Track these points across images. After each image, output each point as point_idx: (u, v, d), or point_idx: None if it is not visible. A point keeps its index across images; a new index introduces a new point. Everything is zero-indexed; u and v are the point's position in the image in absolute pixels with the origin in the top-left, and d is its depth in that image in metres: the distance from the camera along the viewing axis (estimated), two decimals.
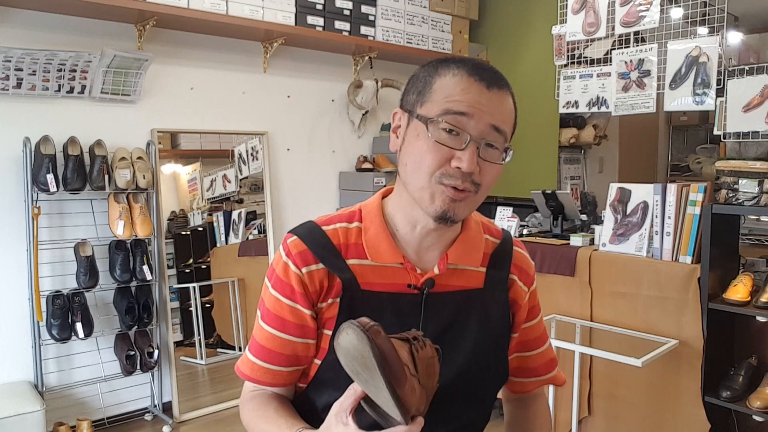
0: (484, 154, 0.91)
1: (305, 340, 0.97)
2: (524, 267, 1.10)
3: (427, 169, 0.91)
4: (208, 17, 3.04)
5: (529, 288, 1.10)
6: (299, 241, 0.98)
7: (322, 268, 0.96)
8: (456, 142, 0.90)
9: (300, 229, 1.00)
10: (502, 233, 1.11)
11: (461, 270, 1.01)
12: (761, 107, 2.50)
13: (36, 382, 2.78)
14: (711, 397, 2.35)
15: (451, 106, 0.90)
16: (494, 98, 0.91)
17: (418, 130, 0.92)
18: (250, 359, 1.00)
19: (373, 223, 1.00)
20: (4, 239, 2.76)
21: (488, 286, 1.03)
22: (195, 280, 3.42)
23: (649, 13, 2.84)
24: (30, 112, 2.80)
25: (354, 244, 0.99)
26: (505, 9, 4.19)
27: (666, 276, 2.45)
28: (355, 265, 0.97)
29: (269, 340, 0.98)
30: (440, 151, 0.90)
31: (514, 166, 4.30)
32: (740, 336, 2.49)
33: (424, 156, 0.91)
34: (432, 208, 0.92)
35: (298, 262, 0.96)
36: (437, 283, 0.98)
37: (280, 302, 0.97)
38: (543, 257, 2.80)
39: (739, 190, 2.46)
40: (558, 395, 2.76)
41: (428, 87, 0.93)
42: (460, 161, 0.89)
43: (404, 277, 0.98)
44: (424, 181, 0.91)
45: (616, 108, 3.05)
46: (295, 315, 0.97)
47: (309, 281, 0.96)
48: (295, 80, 3.70)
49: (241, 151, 3.54)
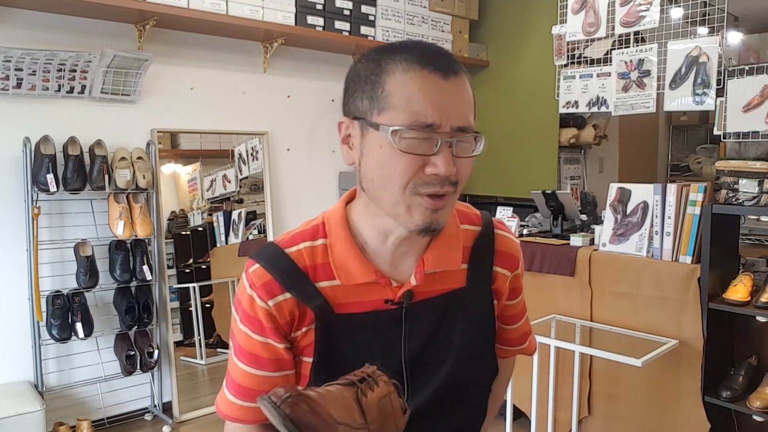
0: (457, 151, 0.84)
1: (283, 372, 0.91)
2: (509, 252, 1.03)
3: (398, 181, 0.82)
4: (208, 17, 3.04)
5: (512, 272, 1.04)
6: (262, 270, 0.89)
7: (290, 298, 0.88)
8: (427, 147, 0.82)
9: (262, 256, 0.91)
10: (481, 218, 1.03)
11: (441, 273, 0.95)
12: (761, 107, 2.50)
13: (36, 382, 2.78)
14: (711, 397, 2.35)
15: (415, 116, 0.80)
16: (454, 91, 0.83)
17: (380, 141, 0.83)
18: (230, 399, 0.93)
19: (339, 239, 0.91)
20: (4, 239, 2.76)
21: (471, 283, 0.97)
22: (195, 280, 3.42)
23: (649, 13, 2.84)
24: (30, 112, 2.80)
25: (322, 265, 0.91)
26: (505, 9, 4.19)
27: (666, 276, 2.45)
28: (327, 288, 0.90)
29: (246, 379, 0.91)
30: (410, 160, 0.81)
31: (514, 166, 4.34)
32: (740, 336, 2.49)
33: (394, 168, 0.82)
34: (412, 222, 0.84)
35: (263, 295, 0.88)
36: (416, 292, 0.92)
37: (251, 338, 0.90)
38: (543, 257, 2.80)
39: (739, 190, 2.46)
40: (558, 395, 2.76)
41: (379, 89, 0.83)
42: (435, 167, 0.82)
43: (380, 292, 0.91)
44: (397, 195, 0.83)
45: (616, 108, 3.05)
46: (268, 350, 0.90)
47: (278, 314, 0.89)
48: (295, 80, 3.70)
49: (241, 151, 3.54)
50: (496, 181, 4.23)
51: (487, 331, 1.01)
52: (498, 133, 4.20)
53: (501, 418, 2.72)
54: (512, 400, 2.63)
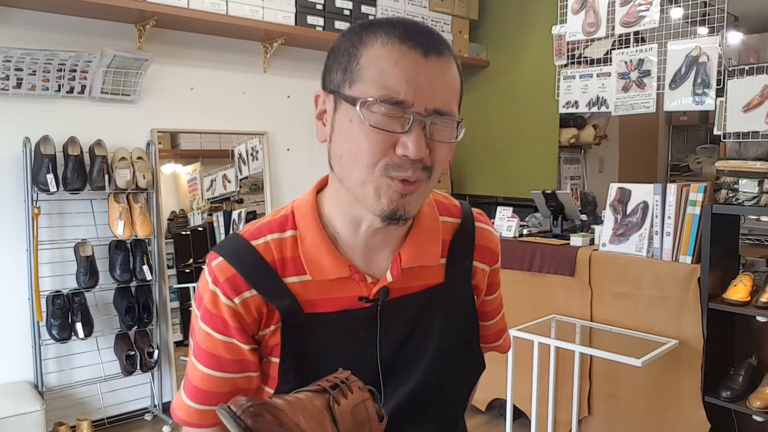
0: (432, 133, 0.76)
1: (246, 374, 0.84)
2: (489, 246, 0.97)
3: (366, 160, 0.75)
4: (208, 17, 3.04)
5: (491, 266, 0.98)
6: (226, 264, 0.82)
7: (257, 295, 0.82)
8: (398, 125, 0.75)
9: (225, 248, 0.84)
10: (461, 209, 0.97)
11: (418, 268, 0.88)
12: (761, 107, 2.50)
13: (36, 382, 2.78)
14: (711, 397, 2.35)
15: (386, 90, 0.74)
16: (434, 71, 0.76)
17: (350, 115, 0.76)
18: (186, 403, 0.86)
19: (309, 230, 0.85)
20: (4, 239, 2.76)
21: (449, 279, 0.91)
22: (195, 280, 3.41)
23: (649, 13, 2.84)
24: (30, 112, 2.80)
25: (291, 258, 0.84)
26: (505, 9, 4.19)
27: (666, 276, 2.45)
28: (296, 284, 0.83)
29: (204, 381, 0.84)
30: (380, 137, 0.75)
31: (514, 166, 4.33)
32: (740, 336, 2.49)
33: (361, 145, 0.75)
34: (378, 206, 0.77)
35: (228, 291, 0.81)
36: (392, 288, 0.86)
37: (213, 338, 0.83)
38: (543, 257, 2.80)
39: (739, 190, 2.46)
40: (558, 395, 2.76)
41: (354, 61, 0.77)
42: (405, 147, 0.75)
43: (353, 288, 0.85)
44: (365, 175, 0.77)
45: (616, 108, 3.05)
46: (231, 351, 0.83)
47: (245, 311, 0.82)
48: (295, 80, 3.70)
49: (241, 151, 3.54)
50: (496, 181, 4.23)
51: (469, 328, 0.95)
52: (498, 133, 4.21)
53: (501, 418, 2.72)
54: (512, 400, 2.63)
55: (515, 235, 3.03)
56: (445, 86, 0.77)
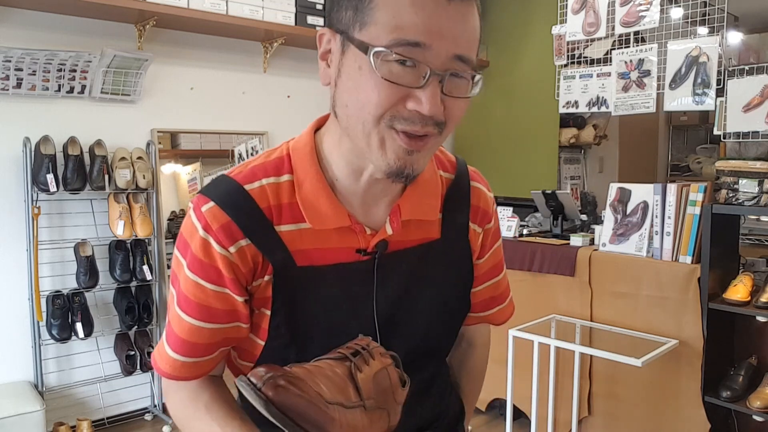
0: (449, 88, 0.70)
1: (237, 323, 0.80)
2: (481, 206, 0.93)
3: (373, 111, 0.70)
4: (208, 17, 3.04)
5: (484, 227, 0.94)
6: (218, 209, 0.76)
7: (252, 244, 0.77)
8: (412, 78, 0.68)
9: (217, 192, 0.78)
10: (456, 164, 0.92)
11: (415, 222, 0.84)
12: (761, 107, 2.50)
13: (36, 382, 2.78)
14: (711, 397, 2.35)
15: (401, 33, 0.67)
16: (456, 15, 0.69)
17: (359, 61, 0.69)
18: (170, 355, 0.81)
19: (308, 175, 0.79)
20: (4, 239, 2.76)
21: (445, 234, 0.88)
22: None
23: (649, 13, 2.84)
24: (30, 112, 2.80)
25: (288, 204, 0.79)
26: (505, 9, 4.19)
27: (666, 276, 2.45)
28: (292, 232, 0.78)
29: (193, 333, 0.79)
30: (391, 89, 0.68)
31: (514, 166, 4.33)
32: (740, 336, 2.49)
33: (370, 96, 0.69)
34: (384, 161, 0.72)
35: (222, 239, 0.75)
36: (390, 241, 0.82)
37: (203, 288, 0.77)
38: (543, 257, 2.80)
39: (739, 190, 2.46)
40: (558, 395, 2.76)
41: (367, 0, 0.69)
42: (418, 103, 0.69)
43: (351, 239, 0.80)
44: (369, 126, 0.71)
45: (616, 108, 3.05)
46: (223, 301, 0.78)
47: (240, 261, 0.76)
48: (295, 80, 3.70)
49: (241, 151, 3.54)
50: (496, 181, 4.22)
51: (464, 284, 0.92)
52: (498, 133, 4.21)
53: (501, 418, 2.72)
54: (512, 400, 2.63)
55: (515, 235, 3.03)
56: (468, 32, 0.71)
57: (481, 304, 0.99)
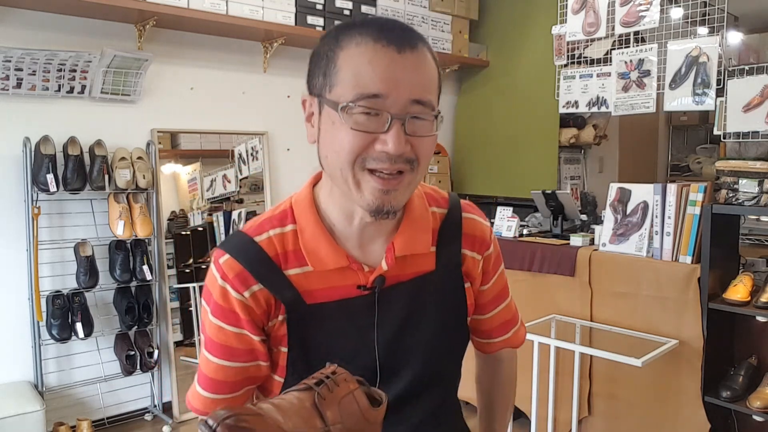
0: (412, 129, 0.80)
1: (257, 362, 0.90)
2: (476, 234, 1.00)
3: (346, 157, 0.80)
4: (208, 17, 3.04)
5: (482, 255, 1.01)
6: (233, 260, 0.87)
7: (264, 288, 0.87)
8: (377, 125, 0.79)
9: (230, 245, 0.89)
10: (448, 200, 1.01)
11: (411, 256, 0.93)
12: (761, 107, 2.50)
13: (36, 382, 2.78)
14: (711, 397, 2.35)
15: (362, 89, 0.78)
16: (408, 64, 0.79)
17: (332, 117, 0.81)
18: (201, 394, 0.92)
19: (308, 223, 0.90)
20: (4, 239, 2.76)
21: (440, 266, 0.96)
22: (195, 280, 3.41)
23: (649, 13, 2.84)
24: (30, 112, 2.80)
25: (293, 251, 0.89)
26: (505, 9, 4.19)
27: (666, 276, 2.45)
28: (298, 275, 0.88)
29: (218, 372, 0.89)
30: (360, 136, 0.79)
31: (514, 166, 4.33)
32: (740, 336, 2.49)
33: (343, 144, 0.80)
34: (363, 201, 0.82)
35: (237, 286, 0.86)
36: (387, 276, 0.91)
37: (224, 330, 0.88)
38: (543, 257, 2.80)
39: (739, 190, 2.46)
40: (558, 395, 2.76)
41: (332, 65, 0.81)
42: (384, 144, 0.78)
43: (352, 277, 0.90)
44: (346, 171, 0.81)
45: (616, 108, 3.05)
46: (242, 341, 0.88)
47: (254, 304, 0.87)
48: (295, 80, 3.70)
49: (241, 151, 3.54)
50: (496, 181, 4.23)
51: (459, 310, 0.99)
52: (498, 133, 4.21)
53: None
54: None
55: (515, 235, 3.03)
56: (420, 77, 0.80)
57: (498, 329, 1.09)
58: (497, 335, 1.09)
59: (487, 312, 1.06)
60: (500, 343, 1.10)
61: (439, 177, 4.27)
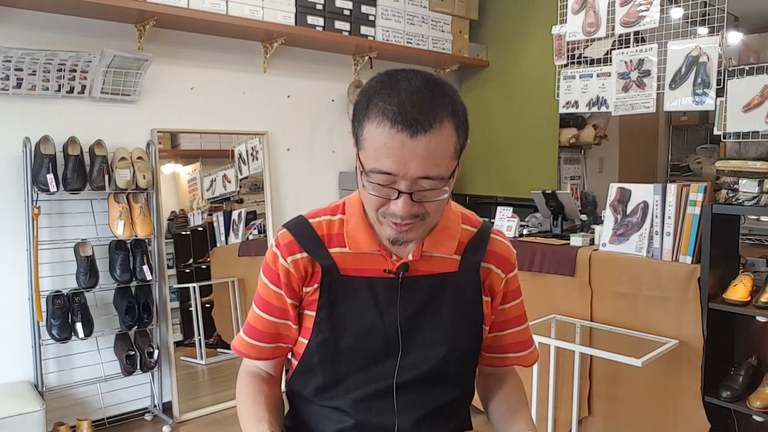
0: (419, 197, 0.95)
1: (286, 321, 1.10)
2: (503, 254, 1.15)
3: (370, 204, 0.99)
4: (208, 17, 3.04)
5: (507, 275, 1.16)
6: (287, 233, 1.09)
7: (306, 257, 1.07)
8: (388, 193, 0.95)
9: (290, 223, 1.11)
10: (481, 223, 1.17)
11: (436, 257, 1.09)
12: (761, 107, 2.50)
13: (36, 382, 2.78)
14: (711, 397, 2.35)
15: (377, 164, 0.93)
16: (419, 148, 0.90)
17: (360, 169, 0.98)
18: (242, 337, 1.14)
19: (354, 215, 1.08)
20: (4, 239, 2.76)
21: (462, 268, 1.10)
22: (195, 280, 3.42)
23: (649, 13, 2.84)
24: (30, 112, 2.80)
25: (336, 235, 1.08)
26: (505, 9, 4.19)
27: (666, 276, 2.45)
28: (337, 253, 1.07)
29: (257, 321, 1.12)
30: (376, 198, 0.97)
31: (514, 166, 4.33)
32: (740, 336, 2.49)
33: (366, 196, 0.99)
34: (383, 233, 1.03)
35: (284, 253, 1.07)
36: (413, 269, 1.07)
37: (268, 287, 1.10)
38: (543, 257, 2.80)
39: (739, 190, 2.46)
40: (558, 395, 2.76)
41: (361, 128, 0.96)
42: (395, 208, 0.95)
43: (381, 263, 1.07)
44: (371, 212, 1.01)
45: (616, 108, 3.05)
46: (278, 299, 1.09)
47: (294, 269, 1.07)
48: (295, 80, 3.70)
49: (241, 151, 3.54)
50: (496, 181, 4.23)
51: (474, 315, 1.11)
52: (498, 133, 4.20)
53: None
54: None
55: (515, 235, 3.04)
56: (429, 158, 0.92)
57: (514, 346, 1.21)
58: (512, 351, 1.21)
59: (505, 329, 1.20)
60: (513, 359, 1.21)
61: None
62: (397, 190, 0.94)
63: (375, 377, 1.05)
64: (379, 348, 1.05)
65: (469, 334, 1.11)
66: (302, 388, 1.12)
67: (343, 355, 1.05)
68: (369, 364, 1.05)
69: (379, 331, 1.05)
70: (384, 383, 1.05)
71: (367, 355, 1.05)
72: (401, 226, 0.98)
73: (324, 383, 1.08)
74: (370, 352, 1.05)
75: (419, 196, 0.95)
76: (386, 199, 0.96)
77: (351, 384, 1.07)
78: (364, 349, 1.05)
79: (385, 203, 0.96)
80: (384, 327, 1.05)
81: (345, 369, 1.06)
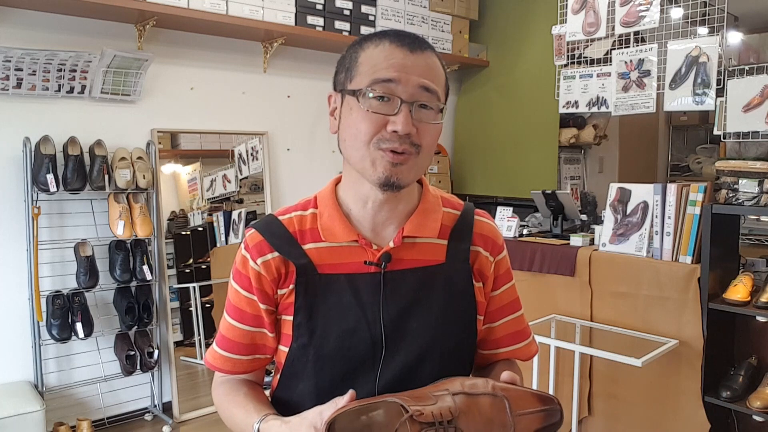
0: (419, 116, 0.93)
1: (260, 329, 1.01)
2: (489, 236, 1.07)
3: (363, 137, 0.92)
4: (208, 17, 3.04)
5: (495, 257, 1.07)
6: (256, 233, 1.01)
7: (277, 257, 0.98)
8: (388, 108, 0.92)
9: (258, 222, 1.04)
10: (463, 205, 1.09)
11: (420, 243, 1.01)
12: (761, 107, 2.50)
13: (36, 382, 2.78)
14: (711, 397, 2.35)
15: (377, 74, 0.92)
16: (419, 60, 0.93)
17: (350, 104, 0.94)
18: (214, 349, 1.05)
19: (327, 207, 1.01)
20: (4, 239, 2.76)
21: (450, 259, 1.02)
22: (195, 280, 3.42)
23: (649, 13, 2.84)
24: (30, 112, 2.80)
25: (310, 230, 1.01)
26: (505, 9, 4.19)
27: (666, 276, 2.45)
28: (312, 249, 0.99)
29: (229, 330, 1.03)
30: (374, 118, 0.92)
31: (514, 166, 4.33)
32: (740, 336, 2.49)
33: (359, 126, 0.93)
34: (375, 175, 0.93)
35: (253, 254, 0.99)
36: (396, 259, 0.98)
37: (239, 293, 1.01)
38: (543, 257, 2.80)
39: (739, 190, 2.46)
40: (558, 395, 2.76)
41: (354, 62, 0.96)
42: (394, 125, 0.91)
43: (361, 254, 0.98)
44: (363, 150, 0.93)
45: (616, 108, 3.05)
46: (251, 306, 1.00)
47: (266, 271, 0.98)
48: (295, 80, 3.70)
49: (241, 151, 3.54)
50: (496, 181, 4.23)
51: (467, 308, 1.03)
52: (498, 133, 4.21)
53: None
54: None
55: (515, 235, 3.03)
56: (430, 70, 0.94)
57: (506, 338, 1.11)
58: (505, 345, 1.10)
59: (497, 320, 1.09)
60: (507, 353, 1.10)
61: (439, 177, 4.27)
62: (399, 99, 0.91)
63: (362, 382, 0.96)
64: (365, 350, 0.96)
65: (462, 328, 1.02)
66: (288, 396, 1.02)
67: (326, 360, 0.96)
68: (355, 368, 0.97)
69: (363, 332, 0.95)
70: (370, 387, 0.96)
71: (352, 358, 0.96)
72: (397, 156, 0.91)
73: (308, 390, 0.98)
74: (355, 354, 0.96)
75: (417, 115, 0.92)
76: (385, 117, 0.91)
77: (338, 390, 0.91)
78: (348, 351, 0.96)
79: (381, 128, 0.91)
80: (368, 330, 0.95)
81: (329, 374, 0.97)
